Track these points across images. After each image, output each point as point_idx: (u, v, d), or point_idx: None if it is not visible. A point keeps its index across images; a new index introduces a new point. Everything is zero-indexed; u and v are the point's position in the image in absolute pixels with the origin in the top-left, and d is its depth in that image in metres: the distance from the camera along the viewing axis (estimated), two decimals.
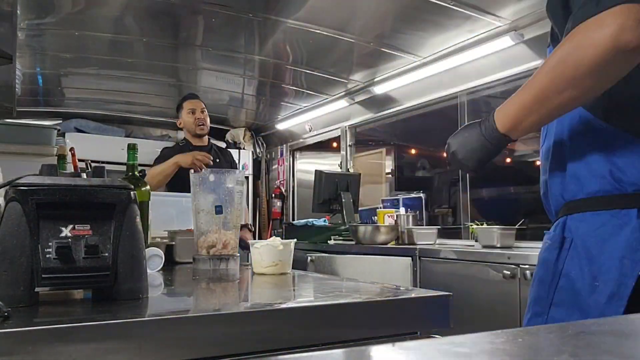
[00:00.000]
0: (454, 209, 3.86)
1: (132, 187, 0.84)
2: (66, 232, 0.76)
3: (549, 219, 1.03)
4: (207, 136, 3.20)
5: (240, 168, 5.25)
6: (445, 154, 1.05)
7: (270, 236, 4.94)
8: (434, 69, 3.25)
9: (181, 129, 3.27)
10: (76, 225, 0.77)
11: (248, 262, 1.44)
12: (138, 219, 0.83)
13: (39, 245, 0.75)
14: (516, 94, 0.91)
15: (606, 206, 0.87)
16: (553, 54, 0.85)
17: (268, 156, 5.71)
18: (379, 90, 3.68)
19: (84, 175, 0.92)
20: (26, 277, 0.74)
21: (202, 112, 3.15)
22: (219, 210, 1.33)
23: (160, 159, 2.99)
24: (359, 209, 3.71)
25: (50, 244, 0.75)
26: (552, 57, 0.84)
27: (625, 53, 0.76)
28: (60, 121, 4.64)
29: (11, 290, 0.73)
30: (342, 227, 3.38)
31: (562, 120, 0.96)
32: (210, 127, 3.22)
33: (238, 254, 1.35)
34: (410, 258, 2.59)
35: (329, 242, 3.28)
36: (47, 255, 0.75)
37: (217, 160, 3.07)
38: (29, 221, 0.75)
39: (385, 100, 3.80)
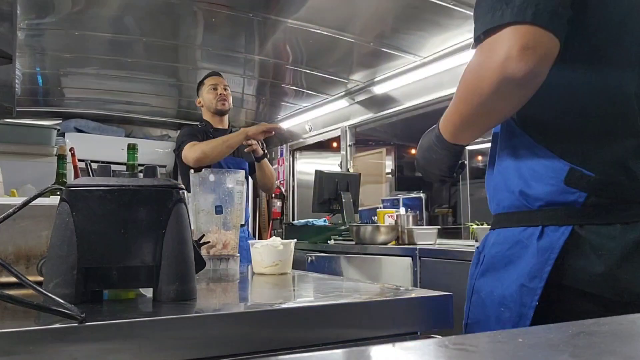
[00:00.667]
0: (454, 209, 3.86)
1: (183, 186, 0.84)
2: (116, 232, 0.76)
3: None
4: (227, 119, 2.94)
5: None
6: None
7: (270, 236, 4.94)
8: (434, 69, 3.24)
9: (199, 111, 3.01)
10: (126, 226, 0.77)
11: None
12: (186, 219, 0.82)
13: (88, 245, 0.75)
14: (452, 102, 0.87)
15: (514, 223, 0.85)
16: (467, 68, 0.82)
17: (268, 156, 5.71)
18: (379, 90, 3.68)
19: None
20: (75, 276, 0.74)
21: (225, 89, 2.88)
22: (219, 210, 1.33)
23: (189, 136, 2.71)
24: (359, 209, 3.71)
25: (100, 244, 0.76)
26: (465, 74, 0.82)
27: (511, 84, 0.73)
28: (60, 121, 4.65)
29: (61, 290, 0.74)
30: (342, 227, 3.38)
31: (495, 132, 0.94)
32: None
33: (238, 254, 1.35)
34: (410, 258, 2.59)
35: (329, 242, 3.28)
36: (95, 255, 0.75)
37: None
38: (77, 221, 0.75)
39: (386, 100, 3.80)
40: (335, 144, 4.75)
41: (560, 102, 0.82)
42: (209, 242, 1.27)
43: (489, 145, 0.96)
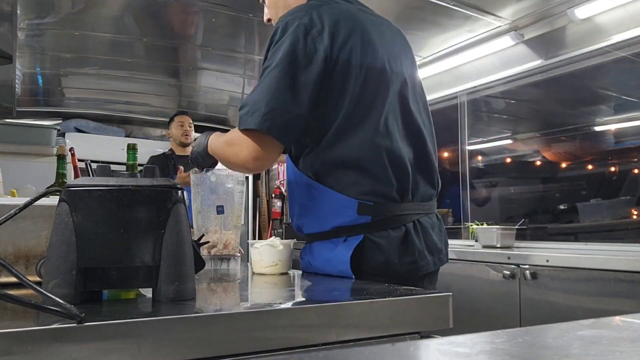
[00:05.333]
0: (453, 209, 3.86)
1: (181, 186, 0.83)
2: (115, 232, 0.76)
3: (548, 220, 1.06)
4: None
5: None
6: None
7: (270, 236, 4.95)
8: (434, 69, 3.25)
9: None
10: (125, 226, 0.77)
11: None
12: (185, 219, 0.82)
13: (87, 245, 0.75)
14: (219, 141, 1.32)
15: (329, 237, 1.27)
16: (229, 139, 1.27)
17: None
18: None
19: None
20: (74, 276, 0.74)
21: (190, 126, 3.75)
22: (220, 210, 1.33)
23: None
24: None
25: (99, 244, 0.75)
26: (226, 144, 1.28)
27: (250, 171, 1.26)
28: (60, 121, 4.65)
29: (60, 290, 0.73)
30: None
31: (287, 173, 1.36)
32: (211, 127, 3.23)
33: (239, 254, 1.35)
34: None
35: None
36: (95, 255, 0.75)
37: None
38: (76, 222, 0.75)
39: None
40: None
41: (347, 169, 1.24)
42: (208, 242, 1.27)
43: (488, 145, 0.98)
